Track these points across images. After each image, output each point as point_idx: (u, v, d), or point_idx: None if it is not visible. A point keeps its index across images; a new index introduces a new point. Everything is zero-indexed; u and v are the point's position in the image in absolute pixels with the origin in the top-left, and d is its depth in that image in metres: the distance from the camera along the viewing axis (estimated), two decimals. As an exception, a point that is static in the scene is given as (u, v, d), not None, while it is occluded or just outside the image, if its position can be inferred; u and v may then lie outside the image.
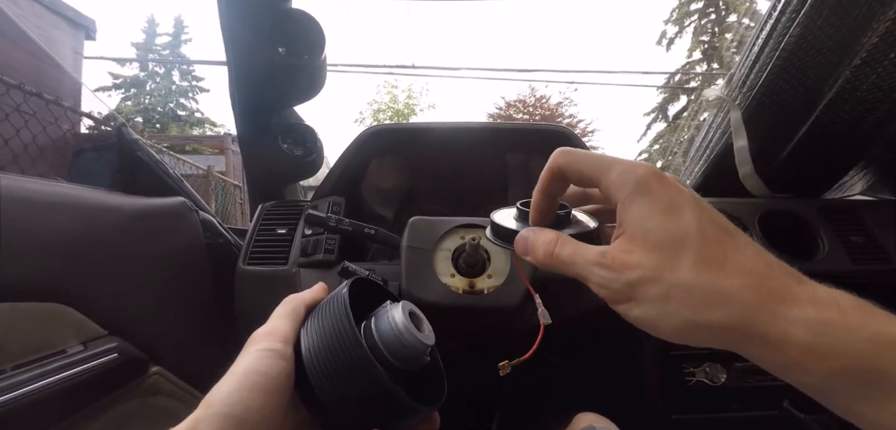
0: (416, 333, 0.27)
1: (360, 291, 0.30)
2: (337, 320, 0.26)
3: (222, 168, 5.48)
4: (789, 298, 0.19)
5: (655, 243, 0.21)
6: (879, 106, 0.63)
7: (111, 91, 13.85)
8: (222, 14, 0.66)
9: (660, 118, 11.88)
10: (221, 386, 0.23)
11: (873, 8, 0.56)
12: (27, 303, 0.41)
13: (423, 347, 0.27)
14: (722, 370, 0.61)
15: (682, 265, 0.20)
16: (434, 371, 0.32)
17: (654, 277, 0.21)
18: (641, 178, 0.22)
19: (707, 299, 0.19)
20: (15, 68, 1.89)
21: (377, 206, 0.85)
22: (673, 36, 11.59)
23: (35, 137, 1.82)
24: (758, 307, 0.19)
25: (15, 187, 0.45)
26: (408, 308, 0.28)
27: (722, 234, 0.21)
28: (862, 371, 0.17)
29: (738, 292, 0.19)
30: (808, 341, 0.18)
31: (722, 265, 0.20)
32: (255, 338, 0.26)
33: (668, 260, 0.20)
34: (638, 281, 0.21)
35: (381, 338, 0.27)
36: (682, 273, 0.20)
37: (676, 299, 0.20)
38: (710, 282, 0.19)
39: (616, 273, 0.22)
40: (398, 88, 11.89)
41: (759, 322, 0.19)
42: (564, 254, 0.25)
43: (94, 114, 2.20)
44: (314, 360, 0.26)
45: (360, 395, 0.25)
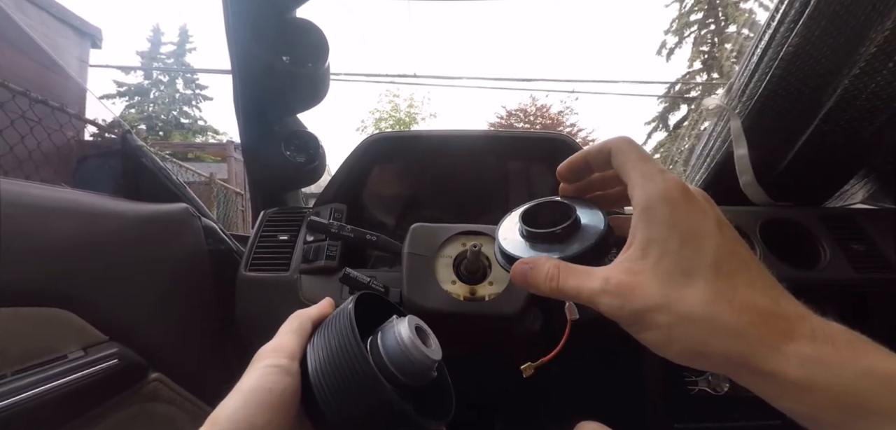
0: (423, 348, 0.27)
1: (366, 304, 0.30)
2: (343, 337, 0.26)
3: (224, 175, 5.50)
4: (789, 334, 0.19)
5: (667, 270, 0.21)
6: (879, 115, 0.63)
7: (115, 99, 13.96)
8: (228, 22, 0.67)
9: (660, 127, 11.91)
10: (227, 403, 0.23)
11: (871, 18, 0.56)
12: (29, 308, 0.42)
13: (430, 362, 0.27)
14: (725, 380, 0.61)
15: (690, 297, 0.20)
16: (441, 386, 0.31)
17: (662, 306, 0.21)
18: (667, 194, 0.22)
19: (711, 331, 0.20)
20: (22, 75, 1.92)
21: (379, 213, 0.85)
22: (673, 46, 11.66)
23: (40, 143, 1.84)
24: (758, 343, 0.19)
25: (18, 192, 0.45)
26: (414, 323, 0.28)
27: (736, 266, 0.21)
28: (848, 405, 0.18)
29: (743, 328, 0.19)
30: (799, 376, 0.18)
31: (730, 301, 0.20)
32: (262, 354, 0.26)
33: (678, 291, 0.20)
34: (645, 310, 0.21)
35: (387, 354, 0.27)
36: (690, 305, 0.20)
37: (682, 329, 0.20)
38: (716, 315, 0.20)
39: (622, 300, 0.22)
40: (400, 97, 11.98)
41: (758, 356, 0.19)
42: (569, 286, 0.25)
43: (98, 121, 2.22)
44: (320, 377, 0.25)
45: (366, 413, 0.25)
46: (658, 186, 0.22)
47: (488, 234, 0.53)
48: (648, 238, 0.22)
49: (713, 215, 0.22)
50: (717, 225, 0.22)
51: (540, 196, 0.36)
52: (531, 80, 16.17)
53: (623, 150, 0.26)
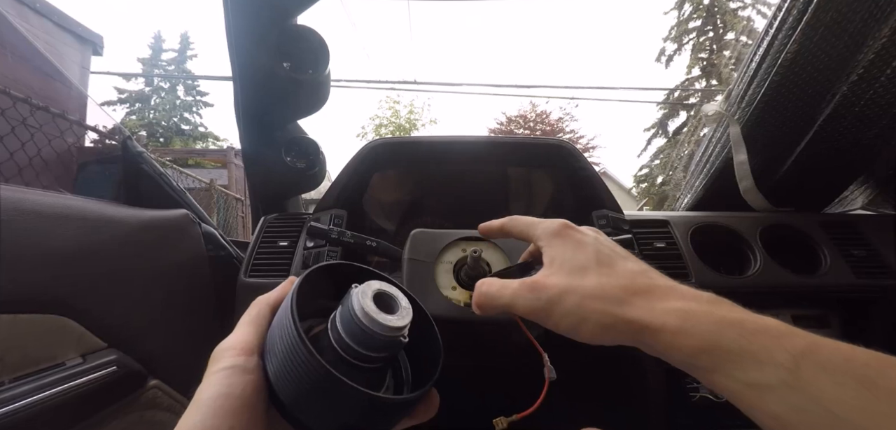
0: (381, 318, 0.24)
1: (339, 278, 0.28)
2: (284, 324, 0.24)
3: (225, 182, 5.51)
4: (662, 296, 0.25)
5: (567, 270, 0.28)
6: (878, 121, 0.63)
7: (116, 105, 14.03)
8: (229, 29, 0.68)
9: (660, 133, 11.95)
10: (187, 419, 0.22)
11: (868, 25, 0.57)
12: (27, 315, 0.41)
13: (391, 331, 0.24)
14: (726, 386, 0.60)
15: (588, 281, 0.27)
16: (430, 346, 0.29)
17: (569, 289, 0.27)
18: (556, 228, 0.32)
19: (607, 301, 0.26)
20: (23, 82, 1.93)
21: (379, 219, 0.85)
22: (672, 53, 11.73)
23: (40, 149, 1.84)
24: (640, 304, 0.25)
25: (17, 198, 0.45)
26: (372, 289, 0.25)
27: (612, 256, 0.29)
28: (712, 347, 0.22)
29: (627, 296, 0.26)
30: (673, 325, 0.24)
31: (610, 274, 0.27)
32: (218, 354, 0.25)
33: (578, 280, 0.27)
34: (557, 296, 0.27)
35: (345, 329, 0.24)
36: (588, 285, 0.27)
37: (587, 304, 0.26)
38: (606, 289, 0.26)
39: (538, 293, 0.28)
40: (400, 104, 12.02)
41: (643, 313, 0.25)
42: (492, 290, 0.31)
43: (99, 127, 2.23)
44: (274, 369, 0.24)
45: (324, 400, 0.23)
46: (552, 225, 0.32)
47: (489, 240, 0.53)
48: (551, 256, 0.30)
49: (592, 233, 0.31)
50: (595, 238, 0.31)
51: (540, 202, 0.37)
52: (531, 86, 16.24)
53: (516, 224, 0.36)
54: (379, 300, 0.25)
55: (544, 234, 0.32)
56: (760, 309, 0.71)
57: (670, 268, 0.63)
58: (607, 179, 11.02)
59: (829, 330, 0.64)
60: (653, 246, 0.66)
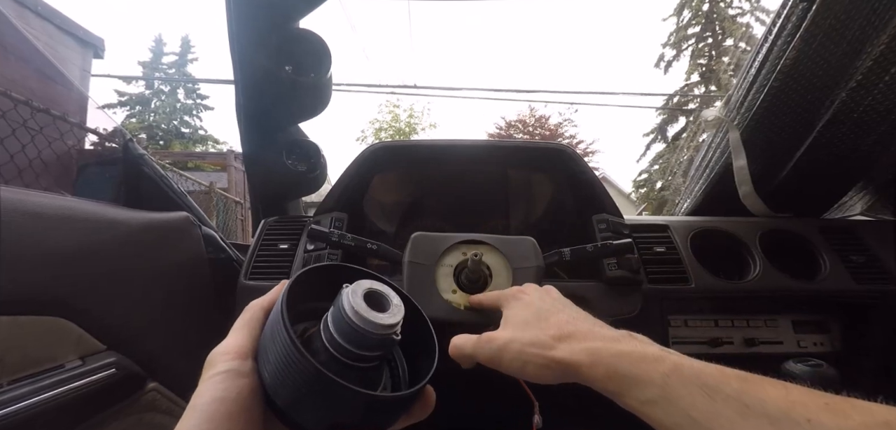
0: (371, 315, 0.24)
1: (332, 280, 0.28)
2: (275, 325, 0.24)
3: (225, 184, 5.51)
4: (578, 336, 0.31)
5: (514, 325, 0.35)
6: (876, 127, 0.64)
7: (116, 108, 14.03)
8: (231, 32, 0.68)
9: (659, 139, 11.97)
10: (183, 424, 0.22)
11: (866, 33, 0.57)
12: (27, 317, 0.41)
13: (383, 329, 0.24)
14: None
15: (528, 331, 0.33)
16: (426, 344, 0.29)
17: (512, 339, 0.33)
18: (512, 292, 0.40)
19: (541, 347, 0.31)
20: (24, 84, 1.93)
21: (379, 222, 0.85)
22: (671, 59, 11.78)
23: (40, 152, 1.84)
24: (558, 347, 0.30)
25: (18, 200, 0.45)
26: (363, 288, 0.25)
27: (550, 310, 0.35)
28: (614, 375, 0.27)
29: (549, 338, 0.31)
30: (589, 361, 0.28)
31: (544, 326, 0.33)
32: (212, 359, 0.25)
33: (520, 332, 0.33)
34: (503, 345, 0.33)
35: (337, 330, 0.24)
36: (527, 335, 0.32)
37: (526, 351, 0.31)
38: (541, 338, 0.31)
39: (491, 343, 0.34)
40: (400, 108, 12.05)
41: (563, 354, 0.30)
42: (459, 342, 0.36)
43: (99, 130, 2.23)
44: (268, 371, 0.24)
45: (324, 404, 0.23)
46: (512, 292, 0.40)
47: (489, 243, 0.53)
48: (506, 315, 0.37)
49: (539, 294, 0.38)
50: (540, 297, 0.37)
51: (540, 205, 0.37)
52: (530, 91, 16.29)
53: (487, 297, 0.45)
54: (370, 299, 0.25)
55: (503, 297, 0.40)
56: (761, 314, 0.71)
57: (670, 273, 0.63)
58: (607, 184, 10.97)
59: (830, 335, 0.64)
60: (652, 251, 0.66)
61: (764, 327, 0.64)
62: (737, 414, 0.22)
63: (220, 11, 0.68)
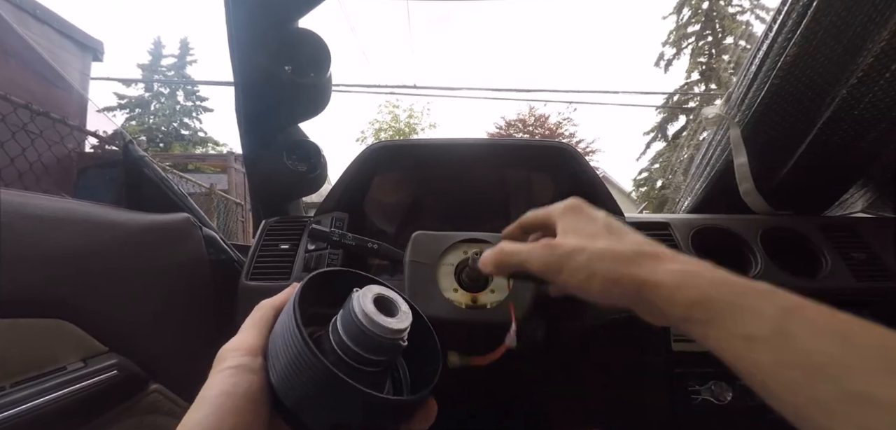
0: (380, 319, 0.24)
1: (339, 287, 0.28)
2: (287, 325, 0.24)
3: (225, 186, 5.51)
4: (663, 257, 0.28)
5: (579, 235, 0.32)
6: (877, 124, 0.64)
7: (116, 111, 14.04)
8: (230, 32, 0.68)
9: (659, 137, 11.97)
10: (191, 415, 0.22)
11: (867, 29, 0.57)
12: (28, 319, 0.41)
13: (392, 333, 0.25)
14: (727, 389, 0.60)
15: (599, 241, 0.30)
16: (429, 352, 0.30)
17: (580, 248, 0.30)
18: (569, 204, 0.35)
19: (615, 260, 0.29)
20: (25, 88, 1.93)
21: (380, 221, 0.85)
22: (671, 57, 11.77)
23: (41, 155, 1.84)
24: (645, 264, 0.28)
25: (18, 203, 0.45)
26: (372, 293, 0.26)
27: (621, 228, 0.32)
28: (707, 302, 0.25)
29: (634, 256, 0.29)
30: (675, 282, 0.26)
31: (619, 240, 0.30)
32: (223, 354, 0.26)
33: (589, 240, 0.31)
34: (569, 253, 0.30)
35: (346, 332, 0.25)
36: (598, 245, 0.30)
37: (596, 262, 0.29)
38: (616, 250, 0.29)
39: (552, 250, 0.31)
40: (400, 108, 12.06)
41: (645, 272, 0.27)
42: (509, 249, 0.34)
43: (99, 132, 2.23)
44: (276, 370, 0.24)
45: (332, 404, 0.23)
46: (566, 203, 0.35)
47: (490, 241, 0.53)
48: (564, 226, 0.33)
49: (599, 210, 0.34)
50: (605, 215, 0.33)
51: (540, 204, 0.38)
52: (530, 91, 16.28)
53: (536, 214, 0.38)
54: (379, 304, 0.26)
55: (557, 211, 0.35)
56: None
57: (671, 271, 0.63)
58: (607, 182, 10.99)
59: (831, 333, 0.64)
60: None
61: (765, 324, 0.64)
62: (880, 371, 0.19)
63: (219, 13, 0.68)
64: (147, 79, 14.77)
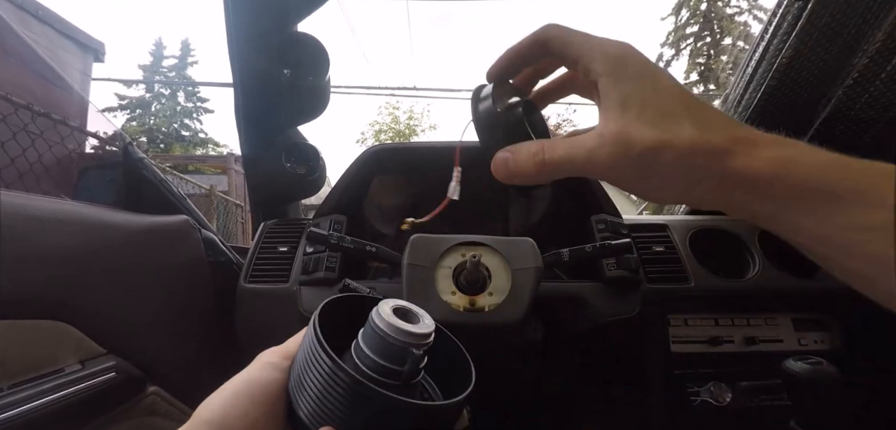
0: (403, 325, 0.24)
1: (356, 308, 0.28)
2: (308, 335, 0.24)
3: (225, 187, 5.51)
4: (757, 143, 0.22)
5: (652, 117, 0.22)
6: (874, 124, 0.64)
7: (117, 112, 14.07)
8: (230, 35, 0.68)
9: (658, 138, 11.97)
10: (215, 395, 0.24)
11: (862, 30, 0.57)
12: (27, 320, 0.41)
13: (416, 338, 0.24)
14: (727, 390, 0.60)
15: (684, 133, 0.21)
16: (458, 365, 0.29)
17: (664, 144, 0.21)
18: (626, 53, 0.24)
19: (708, 153, 0.21)
20: (25, 88, 1.94)
21: (379, 224, 0.85)
22: (670, 58, 11.79)
23: (41, 156, 1.85)
24: (736, 152, 0.21)
25: (17, 203, 0.45)
26: (391, 304, 0.26)
27: (699, 103, 0.23)
28: (812, 190, 0.20)
29: (725, 143, 0.21)
30: (772, 172, 0.21)
31: (708, 125, 0.22)
32: (262, 354, 0.27)
33: (671, 131, 0.22)
34: (648, 152, 0.22)
35: (369, 345, 0.25)
36: (686, 139, 0.21)
37: (686, 164, 0.22)
38: (706, 137, 0.22)
39: (625, 148, 0.22)
40: (400, 110, 12.07)
41: (739, 162, 0.21)
42: (557, 156, 0.24)
43: (100, 133, 2.23)
44: (292, 376, 0.24)
45: (364, 418, 0.23)
46: (615, 49, 0.24)
47: (488, 244, 0.53)
48: (623, 94, 0.23)
49: (660, 66, 0.24)
50: (667, 73, 0.24)
51: (538, 206, 0.37)
52: (530, 92, 16.23)
53: (560, 36, 0.26)
54: (399, 313, 0.26)
55: (604, 58, 0.23)
56: (761, 312, 0.70)
57: (669, 272, 0.63)
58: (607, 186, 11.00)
59: (830, 333, 0.64)
60: (651, 250, 0.66)
61: (764, 325, 0.64)
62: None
63: (220, 15, 0.69)
64: (148, 80, 14.79)
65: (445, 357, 0.29)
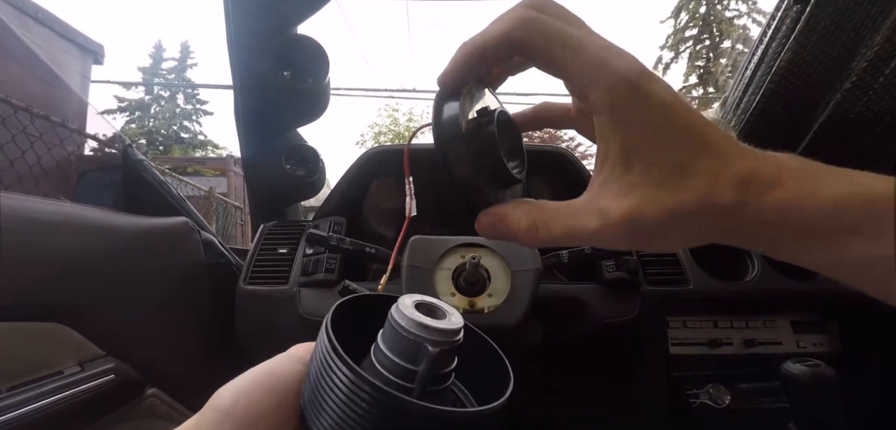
0: (429, 322, 0.21)
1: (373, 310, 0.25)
2: (322, 355, 0.21)
3: (224, 189, 5.51)
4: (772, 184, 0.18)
5: (662, 175, 0.19)
6: (872, 128, 0.64)
7: (116, 114, 14.08)
8: (230, 37, 0.68)
9: (657, 140, 11.99)
10: (229, 383, 0.23)
11: (860, 34, 0.57)
12: (26, 323, 0.41)
13: (444, 335, 0.21)
14: (726, 392, 0.60)
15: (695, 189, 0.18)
16: (493, 365, 0.25)
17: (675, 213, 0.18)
18: (633, 85, 0.18)
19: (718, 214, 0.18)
20: (25, 90, 1.93)
21: (378, 226, 0.85)
22: (669, 61, 11.83)
23: (40, 158, 1.84)
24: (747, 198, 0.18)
25: (17, 206, 0.45)
26: (412, 300, 0.22)
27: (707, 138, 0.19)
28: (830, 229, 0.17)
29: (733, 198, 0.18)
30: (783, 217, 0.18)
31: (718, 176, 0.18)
32: (296, 347, 0.26)
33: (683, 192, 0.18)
34: (659, 225, 0.19)
35: (391, 348, 0.21)
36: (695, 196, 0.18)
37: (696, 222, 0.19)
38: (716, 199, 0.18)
39: (632, 229, 0.19)
40: (399, 112, 12.08)
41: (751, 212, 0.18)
42: (556, 234, 0.21)
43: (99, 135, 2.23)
44: (307, 400, 0.22)
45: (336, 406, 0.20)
46: (621, 75, 0.18)
47: (487, 246, 0.53)
48: (628, 146, 0.19)
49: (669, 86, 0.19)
50: (679, 103, 0.19)
51: None
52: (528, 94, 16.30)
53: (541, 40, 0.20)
54: (422, 309, 0.22)
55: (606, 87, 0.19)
56: (759, 314, 0.70)
57: (668, 274, 0.63)
58: (606, 186, 10.98)
59: (828, 335, 0.64)
60: (651, 252, 0.66)
61: (763, 327, 0.64)
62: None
63: (220, 17, 0.69)
64: (147, 82, 14.80)
65: (478, 360, 0.26)
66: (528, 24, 0.20)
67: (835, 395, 0.49)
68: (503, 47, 0.21)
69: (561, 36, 0.19)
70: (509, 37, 0.20)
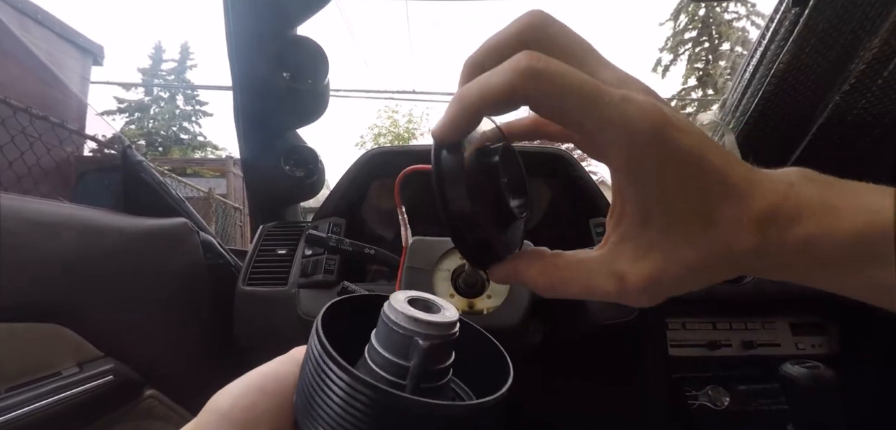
0: (424, 316, 0.20)
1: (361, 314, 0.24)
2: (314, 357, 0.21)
3: (223, 190, 5.51)
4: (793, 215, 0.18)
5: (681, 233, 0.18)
6: (870, 130, 0.64)
7: (116, 115, 14.07)
8: (229, 39, 0.69)
9: (657, 142, 12.00)
10: (228, 385, 0.23)
11: (859, 37, 0.58)
12: (24, 323, 0.41)
13: (441, 329, 0.20)
14: (725, 394, 0.60)
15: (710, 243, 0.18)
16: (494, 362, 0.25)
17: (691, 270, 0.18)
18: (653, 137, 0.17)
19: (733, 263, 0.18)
20: (24, 91, 1.93)
21: (377, 227, 0.85)
22: (668, 63, 11.85)
23: (39, 158, 1.84)
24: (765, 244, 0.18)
25: (16, 207, 0.45)
26: (405, 295, 0.22)
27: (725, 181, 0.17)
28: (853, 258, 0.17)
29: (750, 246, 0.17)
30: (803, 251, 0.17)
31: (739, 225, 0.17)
32: (297, 348, 0.26)
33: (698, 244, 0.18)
34: (676, 283, 0.18)
35: (385, 345, 0.21)
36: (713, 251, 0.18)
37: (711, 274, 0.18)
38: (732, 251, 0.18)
39: (649, 290, 0.19)
40: (399, 113, 12.09)
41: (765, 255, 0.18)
42: (573, 292, 0.21)
43: (98, 136, 2.23)
44: (300, 407, 0.21)
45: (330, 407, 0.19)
46: (639, 134, 0.17)
47: None
48: (646, 205, 0.18)
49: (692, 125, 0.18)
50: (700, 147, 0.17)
51: (537, 210, 0.36)
52: (529, 96, 16.29)
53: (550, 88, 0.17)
54: (416, 304, 0.22)
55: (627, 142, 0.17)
56: (758, 316, 0.70)
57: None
58: (604, 188, 11.03)
59: (827, 337, 0.64)
60: None
61: (762, 329, 0.64)
62: None
63: (219, 18, 0.69)
64: (147, 83, 14.80)
65: (479, 357, 0.25)
66: (537, 78, 0.17)
67: (834, 397, 0.49)
68: (508, 103, 0.19)
69: (574, 89, 0.17)
70: (515, 92, 0.18)
